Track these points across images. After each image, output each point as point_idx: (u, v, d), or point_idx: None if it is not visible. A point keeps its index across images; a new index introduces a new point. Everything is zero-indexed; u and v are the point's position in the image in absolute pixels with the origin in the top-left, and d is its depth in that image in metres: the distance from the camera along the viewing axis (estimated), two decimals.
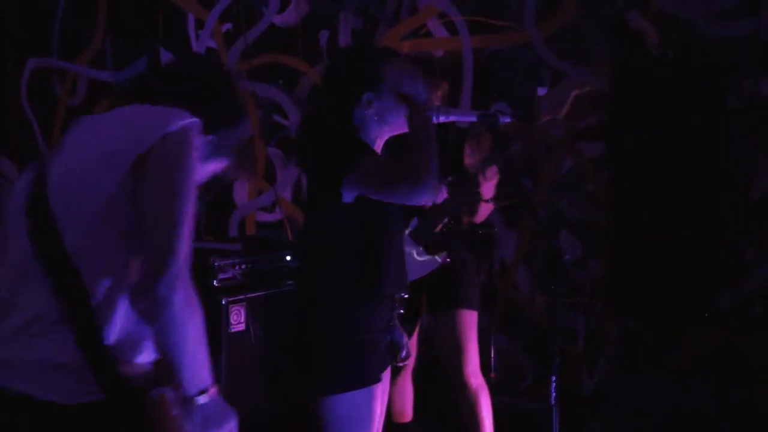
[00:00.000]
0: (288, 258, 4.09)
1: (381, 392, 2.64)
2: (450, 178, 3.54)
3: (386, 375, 2.71)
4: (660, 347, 4.08)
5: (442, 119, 2.83)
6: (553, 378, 2.52)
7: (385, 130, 2.65)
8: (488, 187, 3.55)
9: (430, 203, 2.51)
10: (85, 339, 1.80)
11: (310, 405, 2.60)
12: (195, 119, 1.94)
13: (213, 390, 1.86)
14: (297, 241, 2.92)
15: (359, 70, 2.65)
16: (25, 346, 1.83)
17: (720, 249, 3.82)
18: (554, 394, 2.52)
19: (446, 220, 3.50)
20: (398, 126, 2.66)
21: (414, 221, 3.49)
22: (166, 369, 1.87)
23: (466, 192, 3.50)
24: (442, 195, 3.57)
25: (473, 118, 2.84)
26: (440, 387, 4.50)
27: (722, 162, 3.76)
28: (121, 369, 1.84)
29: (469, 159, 3.67)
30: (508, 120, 2.72)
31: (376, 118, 2.60)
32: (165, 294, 1.73)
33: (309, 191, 2.69)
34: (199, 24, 5.50)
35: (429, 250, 3.52)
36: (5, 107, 6.31)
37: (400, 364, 2.83)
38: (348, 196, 2.48)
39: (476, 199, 3.48)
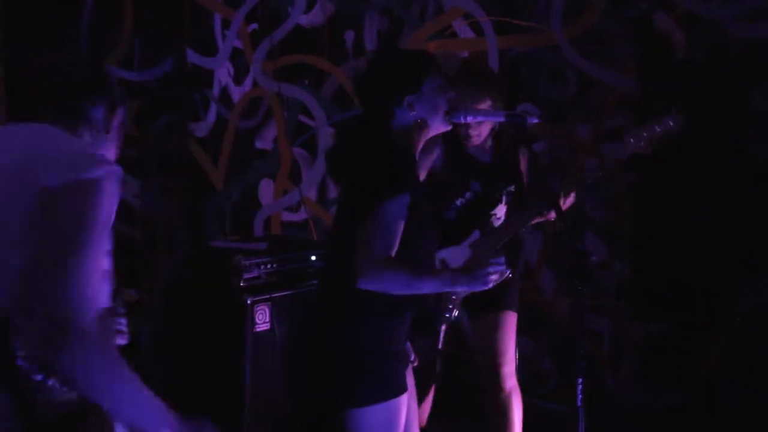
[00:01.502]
0: (313, 258, 4.10)
1: (407, 401, 2.67)
2: (511, 188, 3.55)
3: (410, 381, 2.75)
4: (685, 350, 4.06)
5: (470, 119, 2.85)
6: (579, 380, 2.53)
7: (425, 133, 2.67)
8: (562, 207, 3.47)
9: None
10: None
11: (336, 415, 2.60)
12: (114, 168, 1.85)
13: (172, 420, 1.81)
14: (325, 247, 2.94)
15: (399, 73, 2.66)
16: None
17: (745, 251, 3.81)
18: (580, 396, 2.53)
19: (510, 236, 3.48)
20: (438, 126, 2.67)
21: (476, 233, 3.48)
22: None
23: (525, 205, 3.51)
24: (502, 209, 3.57)
25: (501, 119, 2.90)
26: (458, 388, 4.52)
27: (747, 164, 3.75)
28: (36, 394, 1.78)
29: (523, 166, 3.67)
30: (535, 121, 2.73)
31: (417, 121, 2.62)
32: (72, 369, 1.65)
33: (345, 203, 2.69)
34: (225, 24, 5.52)
35: None
36: (33, 109, 6.34)
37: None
38: None
39: (539, 214, 3.43)
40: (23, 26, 6.28)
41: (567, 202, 3.43)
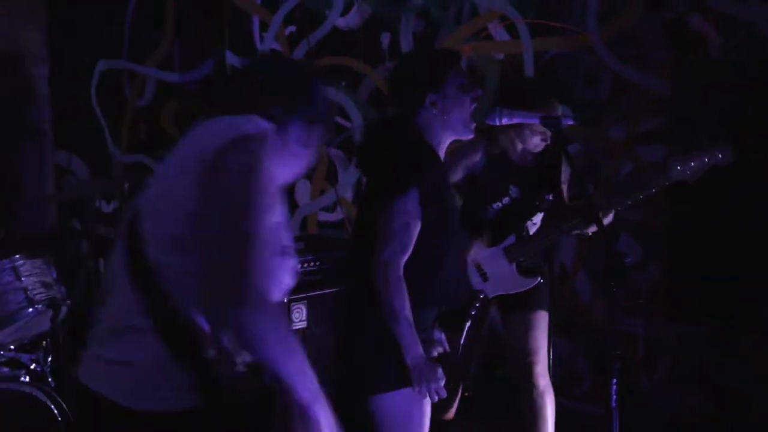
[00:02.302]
0: None
1: None
2: (549, 196, 3.55)
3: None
4: (718, 354, 4.05)
5: (505, 121, 2.92)
6: (614, 381, 2.55)
7: (448, 133, 2.71)
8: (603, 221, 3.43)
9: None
10: (168, 339, 1.77)
11: (360, 402, 2.68)
12: (267, 124, 1.85)
13: (321, 397, 1.82)
14: (350, 239, 3.00)
15: (421, 72, 2.72)
16: (109, 345, 1.84)
17: None
18: (614, 397, 2.56)
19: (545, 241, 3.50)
20: (461, 129, 2.71)
21: (511, 238, 3.50)
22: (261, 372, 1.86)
23: (563, 215, 3.50)
24: (538, 216, 3.58)
25: (536, 121, 2.90)
26: (492, 386, 4.52)
27: None
28: (210, 364, 1.79)
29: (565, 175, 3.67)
30: (570, 122, 2.77)
31: (440, 119, 2.67)
32: (240, 321, 1.66)
33: (369, 197, 2.75)
34: (264, 26, 5.54)
35: (521, 269, 3.50)
36: (77, 108, 6.42)
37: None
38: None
39: (579, 227, 3.43)
40: (69, 28, 6.39)
41: (607, 218, 3.41)
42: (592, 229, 3.44)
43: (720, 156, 3.22)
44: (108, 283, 1.90)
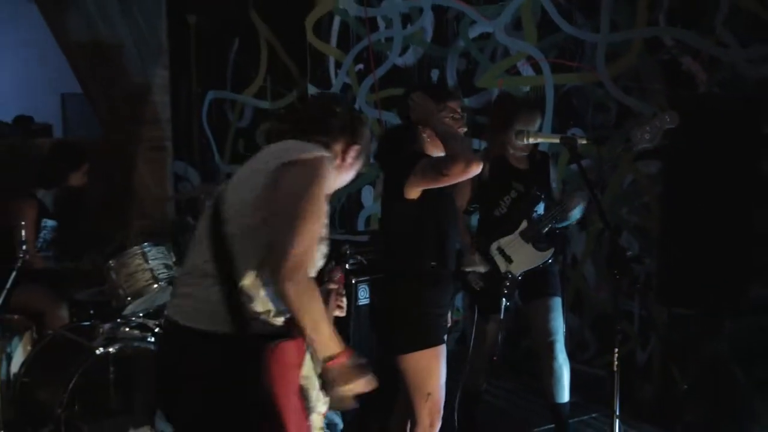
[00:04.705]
0: None
1: (445, 352, 2.79)
2: (542, 194, 3.52)
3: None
4: (702, 331, 3.94)
5: (531, 141, 2.97)
6: (616, 350, 2.55)
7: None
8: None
9: (478, 171, 2.58)
10: (225, 288, 1.92)
11: (393, 360, 2.75)
12: (326, 153, 2.01)
13: (341, 357, 1.92)
14: (379, 230, 3.08)
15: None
16: (184, 284, 2.04)
17: (754, 251, 3.71)
18: (616, 362, 2.56)
19: (550, 226, 3.43)
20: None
21: (524, 223, 3.43)
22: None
23: (555, 207, 3.45)
24: (540, 207, 3.52)
25: (556, 140, 2.91)
26: (518, 354, 4.56)
27: (757, 179, 3.66)
28: (247, 314, 1.93)
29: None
30: (583, 142, 2.77)
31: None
32: (284, 281, 1.80)
33: (385, 190, 2.82)
34: (338, 65, 5.58)
35: (537, 246, 3.44)
36: (191, 128, 6.53)
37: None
38: (413, 194, 2.63)
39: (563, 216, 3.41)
40: (186, 66, 6.49)
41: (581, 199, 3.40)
42: (578, 208, 3.41)
43: (668, 119, 3.08)
44: (195, 242, 2.05)
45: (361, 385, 1.97)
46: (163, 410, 2.09)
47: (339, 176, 2.15)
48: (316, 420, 2.06)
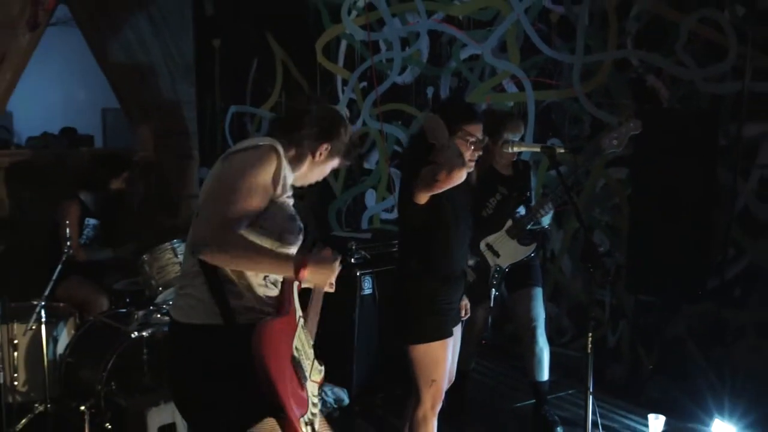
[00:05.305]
0: None
1: (452, 343, 2.76)
2: (524, 197, 3.53)
3: (457, 330, 2.81)
4: (665, 316, 4.02)
5: (516, 150, 3.01)
6: (590, 334, 2.48)
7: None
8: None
9: (463, 178, 2.50)
10: (211, 282, 1.88)
11: (403, 349, 2.71)
12: (274, 141, 1.91)
13: (305, 264, 1.85)
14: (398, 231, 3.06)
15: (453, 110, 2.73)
16: (180, 282, 1.99)
17: (710, 247, 3.77)
18: (590, 345, 2.49)
19: (532, 224, 3.43)
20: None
21: (509, 222, 3.43)
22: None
23: (539, 203, 3.46)
24: (521, 208, 3.49)
25: (537, 149, 2.92)
26: (503, 339, 4.53)
27: (713, 184, 3.71)
28: (236, 306, 1.88)
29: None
30: (561, 151, 2.77)
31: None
32: (211, 244, 1.78)
33: (400, 195, 2.77)
34: (344, 82, 5.58)
35: (521, 242, 3.44)
36: (215, 139, 6.52)
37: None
38: (422, 199, 2.57)
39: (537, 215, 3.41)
40: (210, 82, 6.48)
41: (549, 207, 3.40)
42: (548, 215, 3.42)
43: (632, 126, 3.01)
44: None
45: (336, 268, 1.95)
46: (174, 401, 2.02)
47: (312, 171, 2.07)
48: (311, 387, 2.02)
